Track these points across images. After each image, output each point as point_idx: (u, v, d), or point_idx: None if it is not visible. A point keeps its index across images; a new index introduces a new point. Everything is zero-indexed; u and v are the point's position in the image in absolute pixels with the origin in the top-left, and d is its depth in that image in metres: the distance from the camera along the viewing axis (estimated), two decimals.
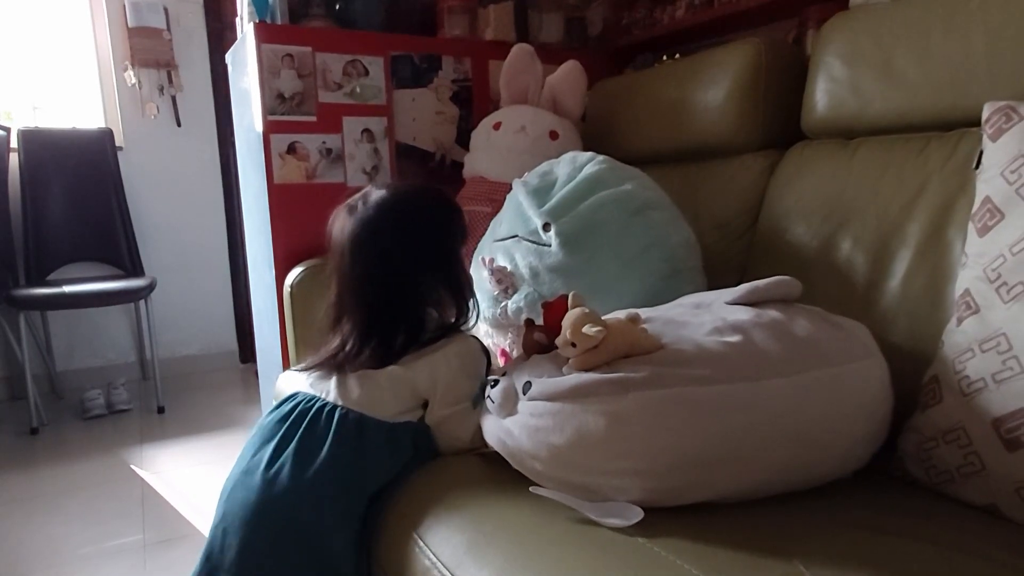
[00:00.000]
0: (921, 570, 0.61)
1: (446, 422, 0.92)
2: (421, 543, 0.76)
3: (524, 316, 1.09)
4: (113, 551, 1.56)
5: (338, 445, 0.85)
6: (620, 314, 0.82)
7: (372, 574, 0.85)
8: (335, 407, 0.88)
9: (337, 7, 1.84)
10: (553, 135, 1.63)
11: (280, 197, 1.69)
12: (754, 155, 1.34)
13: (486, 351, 0.98)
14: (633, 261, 1.11)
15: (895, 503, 0.77)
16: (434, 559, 0.72)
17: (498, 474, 0.83)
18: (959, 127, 1.01)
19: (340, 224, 0.97)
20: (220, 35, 2.90)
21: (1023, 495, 0.71)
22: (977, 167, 0.85)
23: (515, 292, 1.15)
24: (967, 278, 0.81)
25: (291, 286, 1.57)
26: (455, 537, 0.73)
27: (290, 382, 0.97)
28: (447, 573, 0.69)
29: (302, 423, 0.87)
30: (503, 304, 1.16)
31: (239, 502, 0.83)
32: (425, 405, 0.93)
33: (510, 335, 1.18)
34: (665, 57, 2.00)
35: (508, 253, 1.19)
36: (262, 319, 2.00)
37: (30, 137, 2.64)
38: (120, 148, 2.80)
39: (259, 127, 1.69)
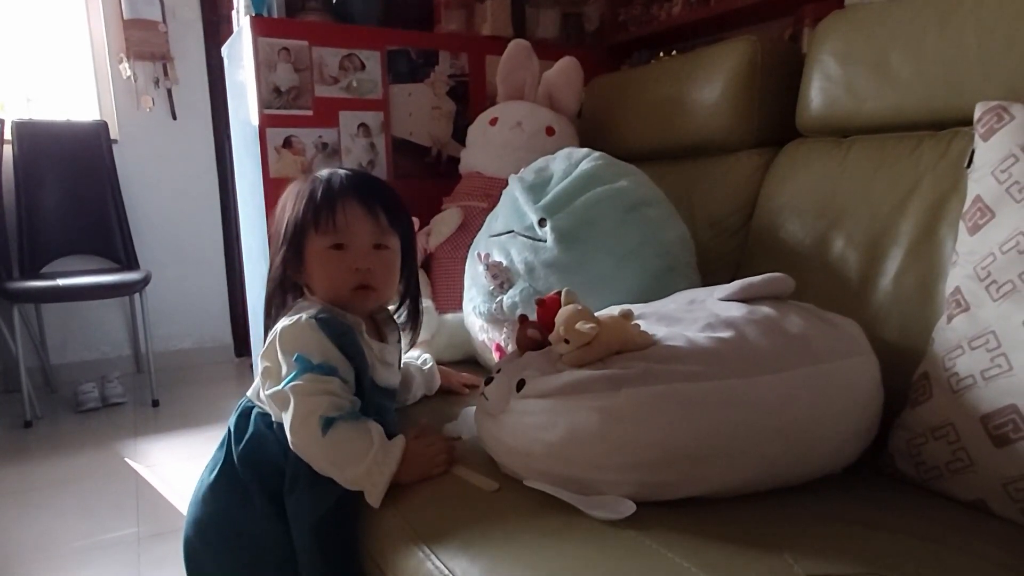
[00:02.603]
0: (909, 564, 0.62)
1: (272, 408, 0.86)
2: (415, 536, 0.76)
3: (519, 311, 1.09)
4: (107, 544, 1.56)
5: (230, 436, 0.90)
6: (613, 310, 0.82)
7: (364, 567, 0.85)
8: (243, 399, 0.93)
9: (334, 1, 1.84)
10: (549, 131, 1.64)
11: (276, 191, 1.68)
12: (749, 153, 1.34)
13: (328, 323, 0.85)
14: (628, 257, 1.12)
15: (884, 499, 0.78)
16: (428, 552, 0.73)
17: (492, 467, 0.83)
18: (952, 126, 1.02)
19: None
20: (216, 28, 2.89)
21: (1010, 491, 0.72)
22: (969, 166, 0.85)
23: (510, 287, 1.16)
24: (958, 276, 0.82)
25: None
26: (449, 530, 0.74)
27: None
28: (441, 566, 0.70)
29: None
30: (498, 299, 1.17)
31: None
32: None
33: (506, 330, 1.18)
34: (661, 54, 2.01)
35: (504, 248, 1.19)
36: (257, 313, 2.00)
37: (24, 129, 2.62)
38: (115, 141, 2.78)
39: (255, 121, 1.69)
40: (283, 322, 0.86)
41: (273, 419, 0.87)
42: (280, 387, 0.82)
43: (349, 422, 0.81)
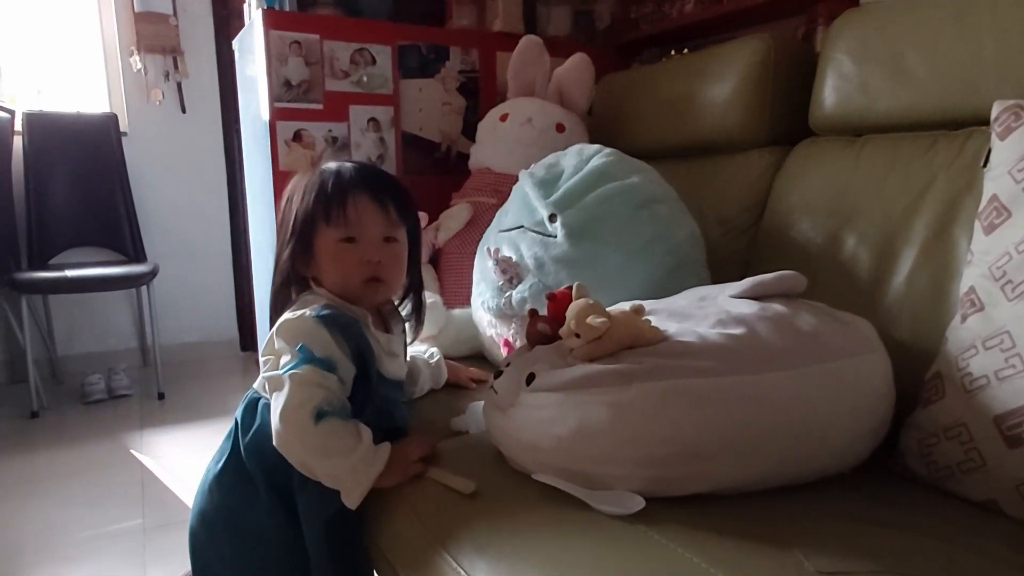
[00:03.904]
0: (920, 563, 0.62)
1: (268, 394, 0.84)
2: (425, 532, 0.76)
3: (528, 306, 1.09)
4: (112, 535, 1.57)
5: (237, 428, 0.89)
6: (624, 305, 0.82)
7: (374, 563, 0.85)
8: (250, 391, 0.92)
9: None
10: (559, 128, 1.63)
11: (285, 184, 1.69)
12: (760, 151, 1.34)
13: (333, 319, 0.84)
14: (638, 254, 1.11)
15: (895, 497, 0.78)
16: (438, 547, 0.72)
17: (501, 461, 0.83)
18: (967, 125, 1.01)
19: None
20: (227, 21, 2.90)
21: (1023, 491, 0.71)
22: (985, 165, 0.85)
23: (520, 282, 1.16)
24: (972, 276, 0.81)
25: None
26: (457, 523, 0.74)
27: None
28: (450, 559, 0.70)
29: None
30: (508, 294, 1.16)
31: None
32: None
33: (514, 325, 1.18)
34: (673, 52, 2.01)
35: (513, 244, 1.19)
36: (263, 307, 2.00)
37: (34, 121, 2.63)
38: (124, 134, 2.79)
39: (265, 114, 1.69)
40: (286, 315, 0.86)
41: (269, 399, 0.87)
42: (278, 372, 0.81)
43: (341, 419, 0.81)
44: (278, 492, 0.86)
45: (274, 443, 0.79)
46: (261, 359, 0.87)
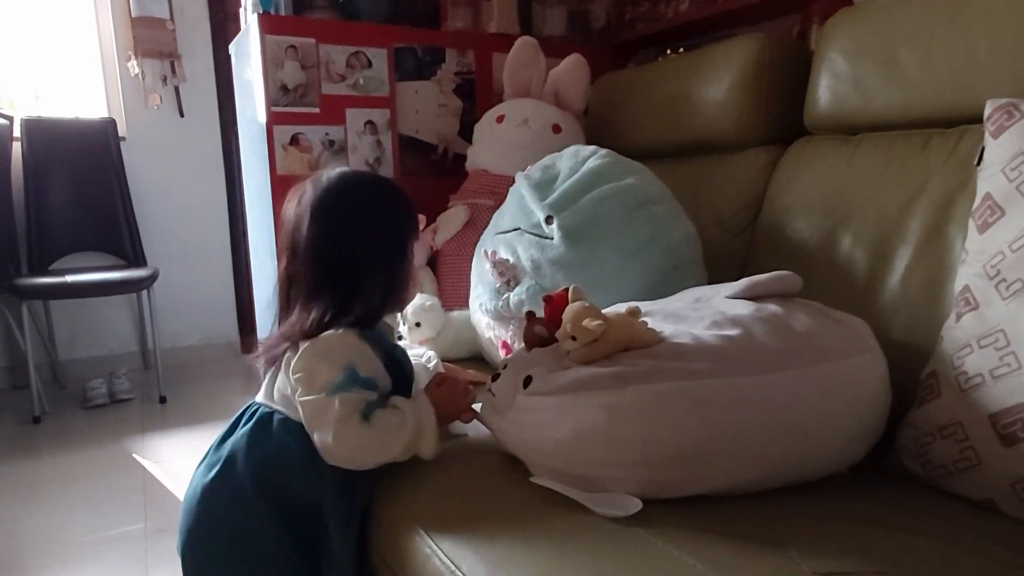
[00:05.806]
0: (916, 563, 0.62)
1: (305, 414, 0.82)
2: (422, 532, 0.77)
3: (526, 308, 1.09)
4: (114, 539, 1.57)
5: (239, 440, 0.87)
6: (620, 307, 0.82)
7: (370, 564, 0.86)
8: (255, 405, 0.91)
9: None
10: (556, 129, 1.63)
11: (282, 189, 1.68)
12: (756, 150, 1.34)
13: (369, 337, 0.85)
14: (634, 255, 1.12)
15: (891, 497, 0.78)
16: (434, 548, 0.73)
17: (498, 465, 0.84)
18: (961, 124, 1.01)
19: (298, 198, 0.92)
20: (224, 25, 2.90)
21: (1018, 490, 0.71)
22: (978, 164, 0.85)
23: (517, 285, 1.16)
24: (967, 274, 0.81)
25: None
26: (456, 527, 0.74)
27: None
28: (448, 562, 0.70)
29: (235, 426, 0.91)
30: (505, 296, 1.17)
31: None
32: None
33: (512, 327, 1.18)
34: (669, 51, 2.01)
35: (510, 246, 1.19)
36: (263, 310, 2.00)
37: (33, 126, 2.64)
38: (123, 138, 2.79)
39: (262, 118, 1.70)
40: (327, 332, 0.83)
41: (290, 415, 0.85)
42: (324, 395, 0.79)
43: (378, 409, 0.82)
44: (276, 508, 0.84)
45: (330, 462, 0.80)
46: (292, 375, 0.83)
